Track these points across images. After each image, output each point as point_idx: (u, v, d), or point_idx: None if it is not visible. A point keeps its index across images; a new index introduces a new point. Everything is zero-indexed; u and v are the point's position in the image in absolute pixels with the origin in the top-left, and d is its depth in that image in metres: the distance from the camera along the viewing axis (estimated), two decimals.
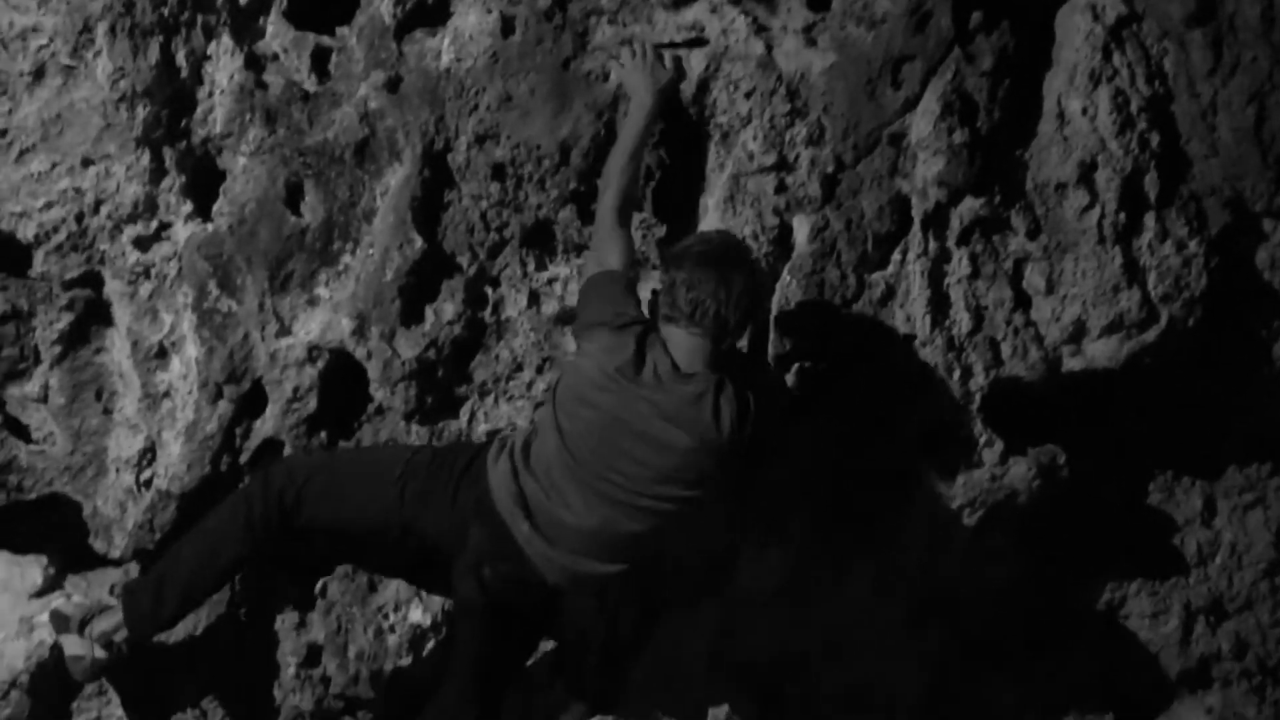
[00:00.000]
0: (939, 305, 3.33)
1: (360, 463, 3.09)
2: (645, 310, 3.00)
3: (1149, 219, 3.38)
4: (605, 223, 3.03)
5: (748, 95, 3.28)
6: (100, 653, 3.07)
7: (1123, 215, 3.35)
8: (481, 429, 3.30)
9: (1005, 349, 3.35)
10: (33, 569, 3.29)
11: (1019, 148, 3.36)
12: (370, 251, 3.24)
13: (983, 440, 3.37)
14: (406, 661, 3.31)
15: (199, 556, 3.04)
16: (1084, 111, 3.34)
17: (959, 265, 3.35)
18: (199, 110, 3.26)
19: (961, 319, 3.34)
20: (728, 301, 2.84)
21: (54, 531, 3.32)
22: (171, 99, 3.23)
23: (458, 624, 3.20)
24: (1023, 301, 3.38)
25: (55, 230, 3.22)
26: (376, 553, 3.23)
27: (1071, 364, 3.39)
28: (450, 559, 2.99)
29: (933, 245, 3.33)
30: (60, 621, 3.10)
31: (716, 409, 2.83)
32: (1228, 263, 3.42)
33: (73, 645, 3.08)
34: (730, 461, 2.92)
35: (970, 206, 3.33)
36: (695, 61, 3.28)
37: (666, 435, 2.83)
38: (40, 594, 3.27)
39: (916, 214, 3.32)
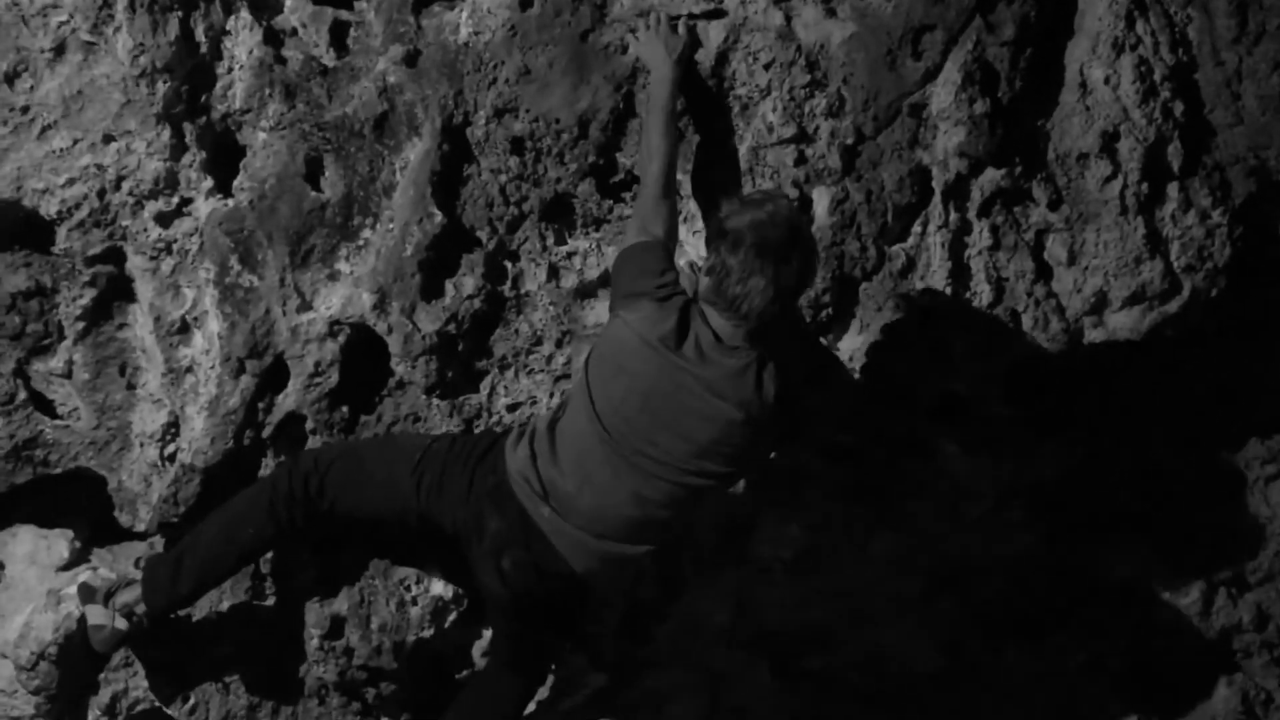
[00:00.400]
0: (960, 277, 3.32)
1: (382, 450, 3.10)
2: (685, 282, 2.98)
3: (1172, 189, 3.36)
4: (652, 192, 2.99)
5: (767, 67, 3.26)
6: (121, 623, 3.10)
7: (1145, 185, 3.33)
8: (501, 403, 3.31)
9: (1026, 320, 3.34)
10: (59, 542, 3.33)
11: (1041, 118, 3.34)
12: (390, 226, 3.24)
13: (1002, 412, 3.37)
14: (429, 633, 3.33)
15: (220, 537, 3.07)
16: (1106, 80, 3.31)
17: (980, 237, 3.33)
18: (219, 85, 3.26)
19: (982, 290, 3.33)
20: (774, 299, 2.78)
21: (80, 505, 3.35)
22: (191, 74, 3.23)
23: (489, 611, 3.21)
24: (1044, 273, 3.36)
25: (77, 206, 3.23)
26: (401, 541, 3.25)
27: (1093, 335, 3.38)
28: (467, 550, 2.99)
29: (953, 217, 3.31)
30: (87, 593, 3.14)
31: (760, 383, 2.81)
32: (1251, 232, 3.40)
33: (96, 615, 3.12)
34: (769, 436, 2.92)
35: (991, 177, 3.31)
36: (714, 33, 3.26)
37: (711, 408, 2.80)
38: (67, 567, 3.30)
39: (937, 185, 3.31)
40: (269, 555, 3.26)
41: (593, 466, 2.86)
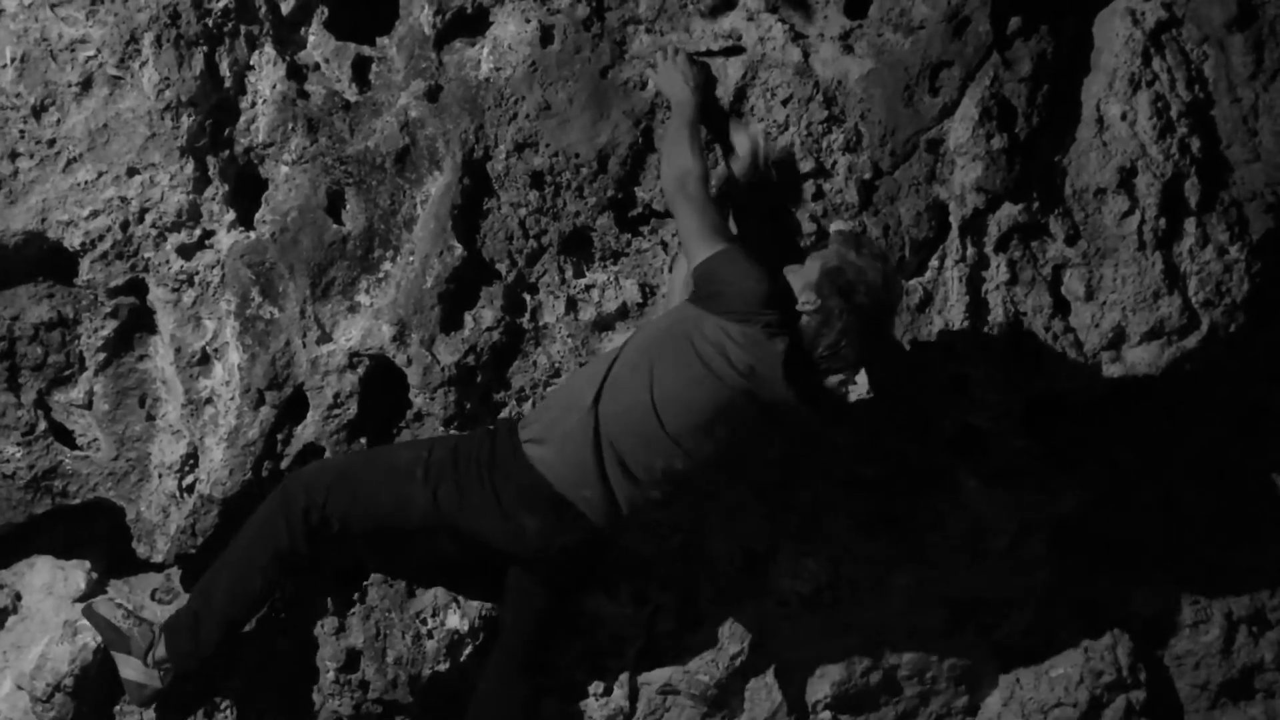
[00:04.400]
0: (978, 311, 3.32)
1: (377, 468, 3.06)
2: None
3: (1189, 224, 3.36)
4: (705, 202, 2.98)
5: (785, 102, 3.28)
6: (159, 683, 3.12)
7: (1163, 221, 3.34)
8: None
9: (1044, 355, 3.34)
10: (76, 573, 3.33)
11: (1058, 153, 3.35)
12: (410, 259, 3.26)
13: (1021, 446, 3.36)
14: (444, 667, 3.32)
15: (232, 589, 3.06)
16: (1124, 116, 3.33)
17: (997, 271, 3.34)
18: (242, 119, 3.29)
19: (1000, 325, 3.33)
20: (863, 354, 2.96)
21: (97, 536, 3.35)
22: (215, 108, 3.26)
23: (509, 604, 3.19)
24: (1062, 308, 3.37)
25: (101, 238, 3.25)
26: (417, 555, 3.24)
27: (1111, 370, 3.38)
28: (511, 551, 3.02)
29: (971, 251, 3.32)
30: (120, 642, 3.14)
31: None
32: (1270, 268, 3.40)
33: (134, 671, 3.11)
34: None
35: (1009, 212, 3.32)
36: (732, 69, 3.29)
37: (761, 426, 2.97)
38: (83, 598, 3.30)
39: (954, 220, 3.32)
40: (285, 587, 3.25)
41: (629, 446, 2.92)
